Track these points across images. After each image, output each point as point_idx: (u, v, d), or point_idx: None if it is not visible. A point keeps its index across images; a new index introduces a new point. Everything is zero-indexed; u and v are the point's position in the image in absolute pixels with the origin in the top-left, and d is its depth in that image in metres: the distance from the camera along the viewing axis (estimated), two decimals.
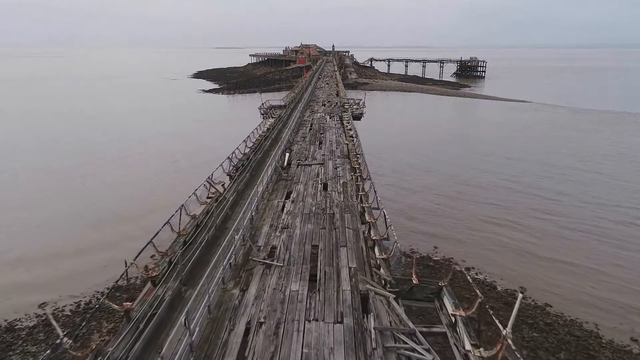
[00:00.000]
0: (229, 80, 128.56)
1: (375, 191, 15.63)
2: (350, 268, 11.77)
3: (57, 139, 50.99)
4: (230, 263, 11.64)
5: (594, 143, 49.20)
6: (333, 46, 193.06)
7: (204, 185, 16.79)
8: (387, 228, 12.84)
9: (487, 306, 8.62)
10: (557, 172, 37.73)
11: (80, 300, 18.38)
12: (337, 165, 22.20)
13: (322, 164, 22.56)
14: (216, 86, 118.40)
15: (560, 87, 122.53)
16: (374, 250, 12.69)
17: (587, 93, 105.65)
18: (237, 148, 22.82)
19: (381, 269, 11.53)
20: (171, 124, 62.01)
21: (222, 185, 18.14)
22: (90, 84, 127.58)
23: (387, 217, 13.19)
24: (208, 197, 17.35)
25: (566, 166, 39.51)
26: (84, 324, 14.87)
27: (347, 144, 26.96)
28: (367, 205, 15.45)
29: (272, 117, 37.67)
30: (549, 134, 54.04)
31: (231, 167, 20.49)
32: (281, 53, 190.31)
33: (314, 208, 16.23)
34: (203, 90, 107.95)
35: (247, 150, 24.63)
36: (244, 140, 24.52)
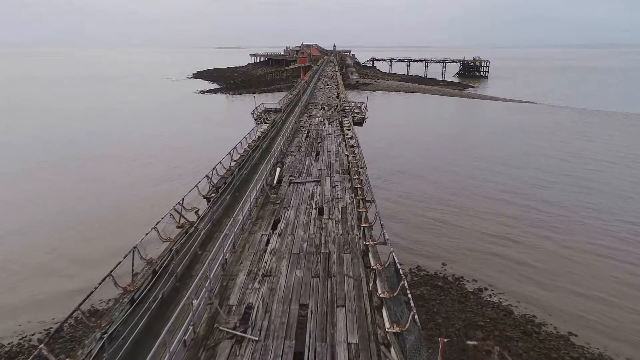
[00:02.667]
0: (228, 81, 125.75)
1: (382, 225, 12.50)
2: (349, 345, 8.61)
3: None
4: (184, 340, 8.48)
5: (612, 147, 46.07)
6: (334, 46, 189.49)
7: (172, 214, 13.60)
8: (398, 281, 9.69)
9: None
10: (582, 185, 34.41)
11: None
12: (336, 183, 19.02)
13: (318, 181, 19.39)
14: (215, 86, 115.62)
15: (565, 87, 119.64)
16: (382, 313, 9.52)
17: (592, 93, 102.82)
18: (220, 162, 19.63)
19: (392, 349, 8.36)
20: (157, 126, 58.91)
21: (196, 212, 15.00)
22: (86, 85, 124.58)
23: (398, 263, 10.01)
24: (179, 226, 14.19)
25: (590, 179, 36.27)
26: None
27: (347, 155, 23.79)
28: (371, 243, 12.26)
29: (266, 122, 34.52)
30: (566, 140, 50.67)
31: (210, 187, 17.34)
32: (282, 53, 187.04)
33: (305, 245, 13.05)
34: (202, 90, 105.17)
35: (233, 164, 21.46)
36: (229, 153, 21.31)
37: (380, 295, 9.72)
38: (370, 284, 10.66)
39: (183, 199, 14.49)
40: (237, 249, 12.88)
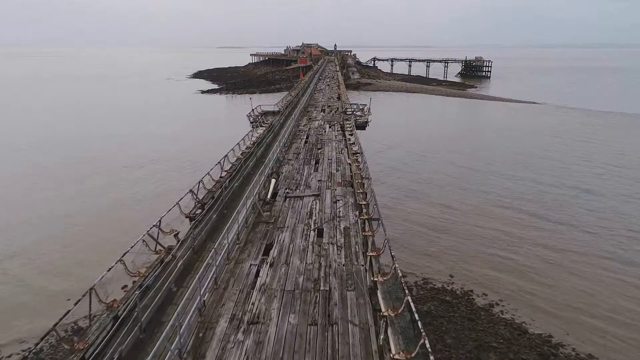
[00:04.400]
0: (228, 81, 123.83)
1: (392, 256, 10.42)
2: None
3: None
4: None
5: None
6: (335, 45, 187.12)
7: (145, 240, 11.50)
8: (417, 339, 7.64)
9: None
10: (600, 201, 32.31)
11: None
12: (337, 198, 16.93)
13: (318, 195, 17.30)
14: (215, 86, 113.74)
15: (567, 87, 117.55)
16: None
17: (596, 94, 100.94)
18: (208, 174, 17.55)
19: None
20: (150, 128, 56.85)
21: (176, 235, 12.92)
22: (82, 85, 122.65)
23: (415, 313, 7.95)
24: (157, 251, 12.12)
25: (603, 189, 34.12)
26: None
27: (349, 163, 21.72)
28: (380, 279, 10.16)
29: (264, 126, 32.44)
30: (579, 144, 48.53)
31: (196, 204, 15.27)
32: (282, 53, 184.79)
33: (301, 279, 10.97)
34: (201, 90, 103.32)
35: (224, 174, 19.38)
36: (219, 162, 19.22)
37: (395, 358, 7.64)
38: (381, 337, 8.56)
39: (160, 220, 12.41)
40: (220, 285, 10.80)
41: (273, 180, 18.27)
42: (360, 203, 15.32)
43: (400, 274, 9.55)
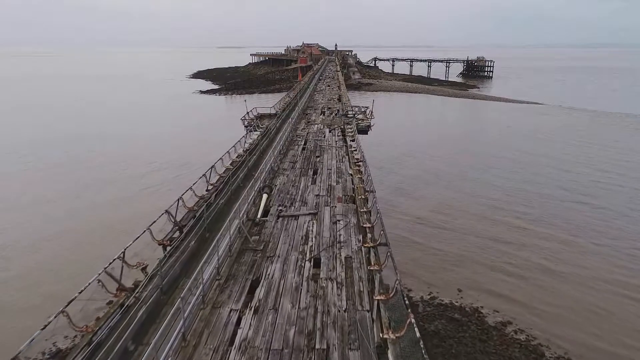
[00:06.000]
0: (227, 81, 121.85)
1: (406, 302, 8.26)
2: None
3: None
4: None
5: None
6: (336, 45, 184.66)
7: (100, 280, 9.28)
8: None
9: None
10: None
11: None
12: (338, 218, 14.74)
13: (315, 214, 15.10)
14: (214, 87, 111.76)
15: (570, 88, 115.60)
16: None
17: (599, 94, 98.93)
18: (191, 188, 15.31)
19: None
20: (143, 130, 54.67)
21: (144, 269, 10.73)
22: (78, 85, 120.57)
23: None
24: (119, 292, 9.94)
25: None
26: None
27: (351, 174, 19.54)
28: (392, 335, 7.95)
29: (259, 129, 30.29)
30: (589, 148, 46.26)
31: (173, 228, 13.09)
32: (283, 52, 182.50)
33: (292, 333, 8.77)
34: (200, 91, 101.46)
35: (211, 188, 17.18)
36: (204, 175, 16.98)
37: None
38: None
39: (124, 252, 10.22)
40: (190, 341, 8.59)
41: (265, 196, 16.09)
42: (364, 225, 13.14)
43: (418, 334, 7.37)
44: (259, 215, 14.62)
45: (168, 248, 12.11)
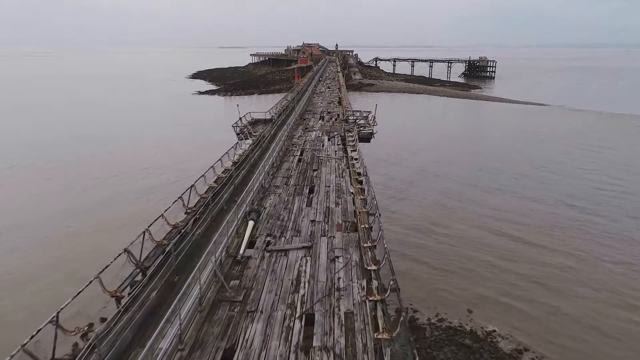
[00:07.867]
0: (227, 81, 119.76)
1: None
2: None
3: None
4: None
5: None
6: (336, 45, 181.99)
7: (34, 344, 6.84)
8: None
9: None
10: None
11: None
12: (336, 254, 12.22)
13: (310, 247, 12.61)
14: (214, 87, 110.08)
15: (573, 88, 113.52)
16: None
17: (603, 95, 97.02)
18: (162, 216, 12.79)
19: None
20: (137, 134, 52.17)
21: (84, 335, 8.25)
22: (78, 85, 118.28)
23: None
24: None
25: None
26: None
27: (352, 193, 17.06)
28: None
29: (251, 137, 27.80)
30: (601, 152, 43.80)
31: (134, 271, 10.61)
32: (283, 52, 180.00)
33: None
34: (199, 91, 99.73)
35: (189, 211, 14.68)
36: (180, 197, 14.45)
37: None
38: None
39: (57, 314, 7.76)
40: None
41: (251, 223, 13.58)
42: (369, 268, 10.65)
43: None
44: (241, 251, 12.11)
45: (123, 301, 9.64)
